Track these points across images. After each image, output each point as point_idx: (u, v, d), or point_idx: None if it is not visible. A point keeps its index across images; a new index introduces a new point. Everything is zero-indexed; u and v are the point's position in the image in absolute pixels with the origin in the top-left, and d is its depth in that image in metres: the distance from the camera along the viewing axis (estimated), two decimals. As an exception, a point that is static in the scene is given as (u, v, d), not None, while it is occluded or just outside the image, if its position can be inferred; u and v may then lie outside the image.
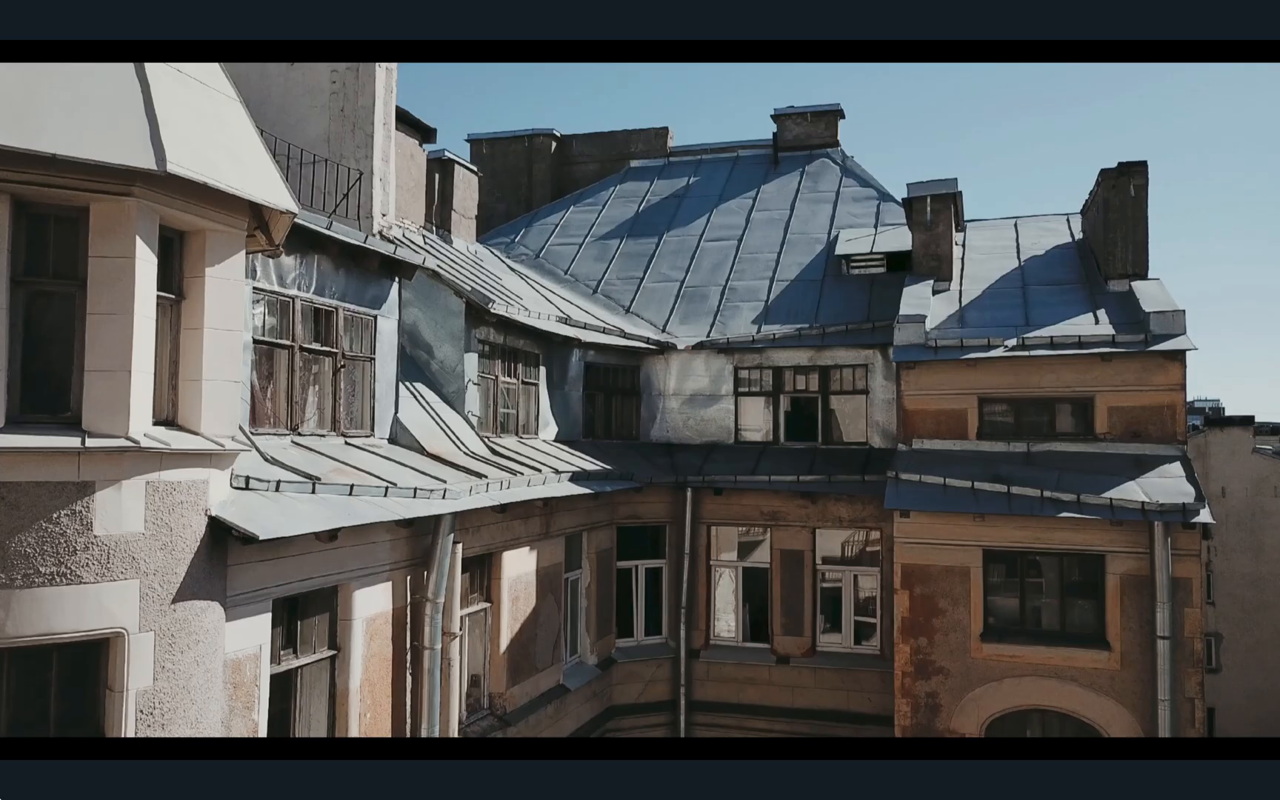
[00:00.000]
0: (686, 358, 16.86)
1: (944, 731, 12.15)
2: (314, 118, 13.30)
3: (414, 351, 13.12)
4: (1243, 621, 45.91)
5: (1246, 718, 44.80)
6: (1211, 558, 47.19)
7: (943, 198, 15.22)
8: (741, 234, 20.03)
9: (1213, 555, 47.14)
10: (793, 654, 15.24)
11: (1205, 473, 47.54)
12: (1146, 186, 13.75)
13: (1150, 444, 12.22)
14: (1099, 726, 11.64)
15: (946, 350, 13.00)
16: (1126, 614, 11.56)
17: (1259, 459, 46.38)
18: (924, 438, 13.23)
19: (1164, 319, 12.25)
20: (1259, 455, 46.55)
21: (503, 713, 11.55)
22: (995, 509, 11.78)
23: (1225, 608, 46.30)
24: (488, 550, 11.34)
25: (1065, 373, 12.62)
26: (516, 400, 14.39)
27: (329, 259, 10.06)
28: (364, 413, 10.72)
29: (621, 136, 24.36)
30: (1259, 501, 46.01)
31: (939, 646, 12.24)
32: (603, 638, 14.84)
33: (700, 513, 15.69)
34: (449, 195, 17.96)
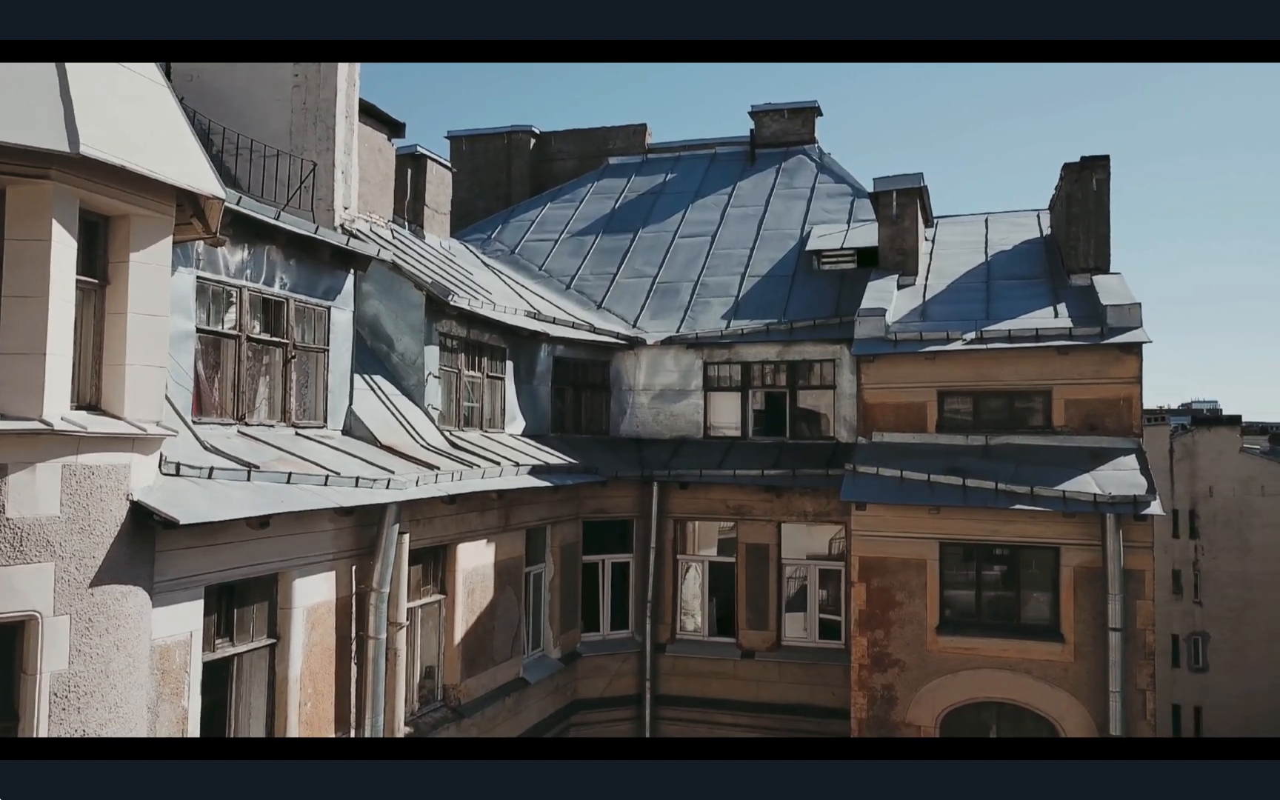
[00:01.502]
0: (656, 353, 16.87)
1: (899, 724, 12.17)
2: (277, 111, 13.34)
3: (375, 344, 13.13)
4: (1230, 621, 46.00)
5: (1234, 716, 44.87)
6: (1199, 557, 47.34)
7: (909, 192, 15.24)
8: (715, 230, 20.05)
9: (1200, 555, 47.26)
10: (758, 648, 15.26)
11: (1193, 472, 47.74)
12: (1108, 181, 13.78)
13: (1107, 437, 12.24)
14: (1053, 719, 11.66)
15: (906, 344, 13.02)
16: (1080, 606, 11.58)
17: (1246, 458, 46.55)
18: (884, 431, 13.25)
19: (1120, 312, 12.27)
20: (1246, 455, 46.73)
21: (457, 705, 11.56)
22: (950, 501, 11.80)
23: (1212, 607, 46.41)
24: (441, 542, 11.34)
25: (1023, 366, 12.65)
26: (481, 394, 14.39)
27: (279, 250, 10.06)
28: (317, 404, 10.72)
29: (600, 133, 24.38)
30: (1246, 501, 46.15)
31: (895, 639, 12.26)
32: (567, 632, 14.84)
33: (667, 507, 15.70)
34: (422, 191, 17.98)
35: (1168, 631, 46.75)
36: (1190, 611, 46.53)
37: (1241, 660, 44.82)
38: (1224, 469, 46.12)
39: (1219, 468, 46.21)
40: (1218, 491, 46.30)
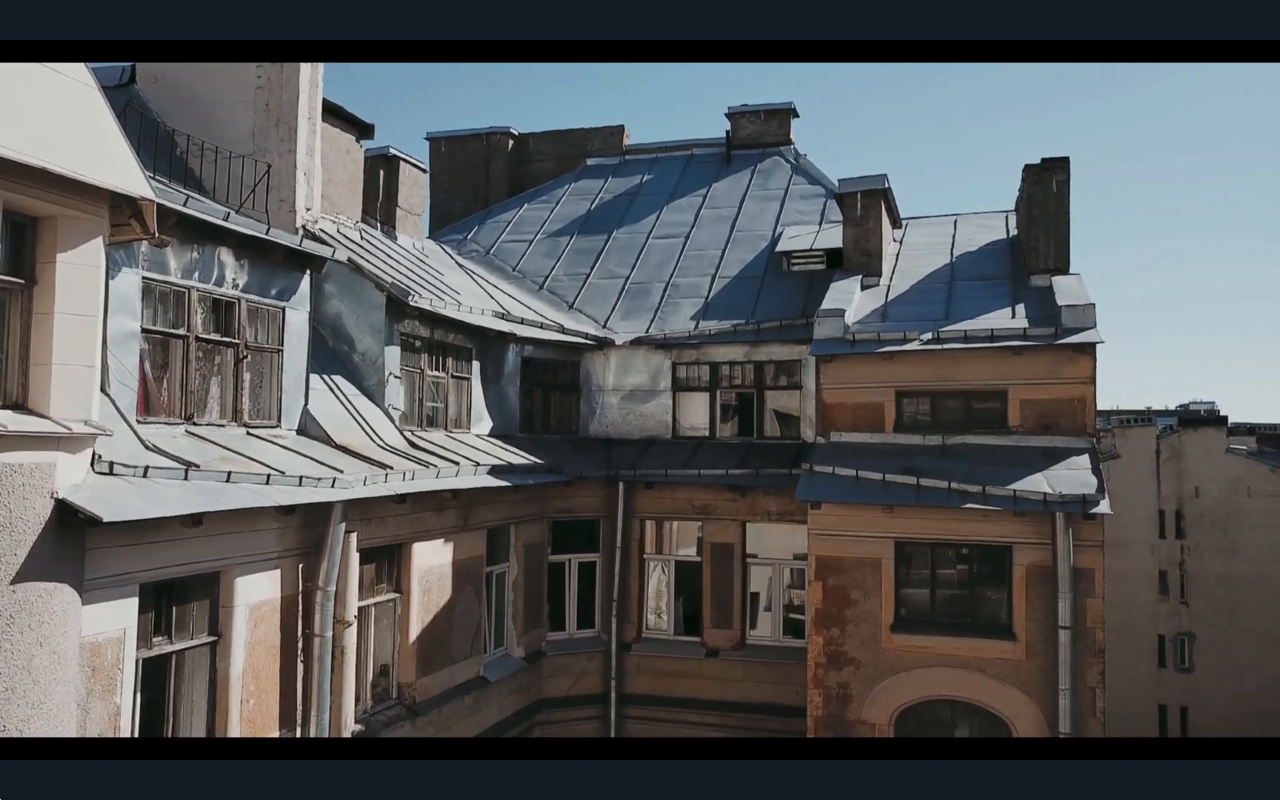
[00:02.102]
0: (626, 353, 16.94)
1: (855, 722, 12.24)
2: (240, 113, 13.41)
3: (336, 344, 13.19)
4: (1216, 621, 46.13)
5: (1220, 716, 44.99)
6: (1185, 557, 47.48)
7: (873, 193, 15.32)
8: (689, 231, 20.11)
9: (1186, 555, 47.40)
10: (722, 647, 15.32)
11: (1180, 473, 47.88)
12: (1068, 182, 13.85)
13: (1061, 437, 12.31)
14: (1005, 717, 11.73)
15: (864, 344, 13.10)
16: (1032, 605, 11.65)
17: (1233, 459, 46.66)
18: (842, 431, 13.32)
19: (1075, 313, 12.35)
20: (1233, 455, 46.84)
21: (412, 703, 11.62)
22: (904, 500, 11.87)
23: (1199, 607, 46.53)
24: (395, 541, 11.41)
25: (980, 366, 12.72)
26: (446, 394, 14.45)
27: (230, 251, 10.12)
28: (271, 404, 10.78)
29: (578, 135, 24.43)
30: (1233, 501, 46.26)
31: (851, 637, 12.33)
32: (531, 631, 14.90)
33: (633, 507, 15.77)
34: (394, 191, 18.00)
35: (1154, 631, 46.91)
36: (1177, 612, 46.64)
37: (1228, 660, 44.92)
38: (1211, 470, 46.23)
39: (1206, 468, 46.33)
40: (1204, 492, 46.42)
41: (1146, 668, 46.62)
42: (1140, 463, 47.59)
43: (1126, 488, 47.49)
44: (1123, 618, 47.20)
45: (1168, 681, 46.68)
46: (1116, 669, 47.31)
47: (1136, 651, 46.67)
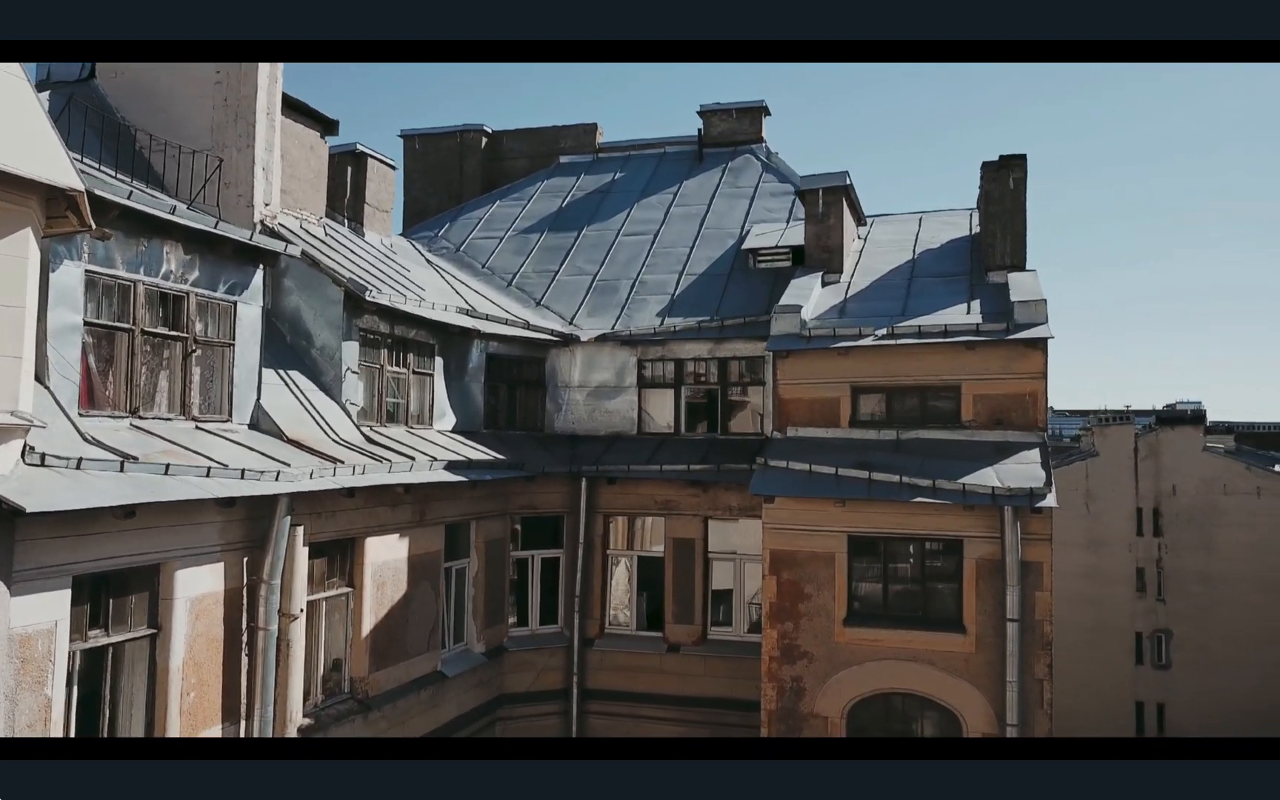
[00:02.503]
0: (592, 350, 16.97)
1: (807, 715, 12.32)
2: (199, 108, 13.40)
3: (295, 339, 13.18)
4: (1193, 618, 46.44)
5: (1196, 713, 45.33)
6: (1162, 555, 47.80)
7: (834, 190, 15.40)
8: (658, 229, 20.16)
9: (1163, 553, 47.73)
10: (684, 642, 15.38)
11: (1157, 471, 48.21)
12: (1025, 179, 13.96)
13: (1013, 431, 12.41)
14: (955, 709, 11.83)
15: (819, 339, 13.18)
16: (982, 598, 11.74)
17: (1209, 457, 47.00)
18: (799, 426, 13.39)
19: (1027, 308, 12.45)
20: (1209, 454, 47.18)
21: (364, 697, 11.64)
22: (856, 494, 11.95)
23: (1176, 604, 46.85)
24: (347, 535, 11.43)
25: (933, 362, 12.81)
26: (407, 390, 14.47)
27: (178, 244, 10.13)
28: (222, 398, 10.79)
29: (551, 132, 24.45)
30: (1210, 499, 46.59)
31: (804, 631, 12.40)
32: (493, 626, 14.93)
33: (596, 503, 15.82)
34: (362, 188, 17.97)
35: (1131, 629, 47.22)
36: (1154, 609, 46.95)
37: (1204, 657, 45.25)
38: (1188, 468, 46.54)
39: (1183, 466, 46.64)
40: (1182, 490, 46.73)
41: (1124, 665, 46.92)
42: (1119, 461, 47.91)
43: (1105, 486, 47.86)
44: (1101, 615, 47.55)
45: (1145, 678, 46.98)
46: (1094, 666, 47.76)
47: (1114, 649, 46.97)
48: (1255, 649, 44.23)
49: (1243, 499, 45.75)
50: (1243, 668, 44.48)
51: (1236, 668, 44.56)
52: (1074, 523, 48.48)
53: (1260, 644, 44.20)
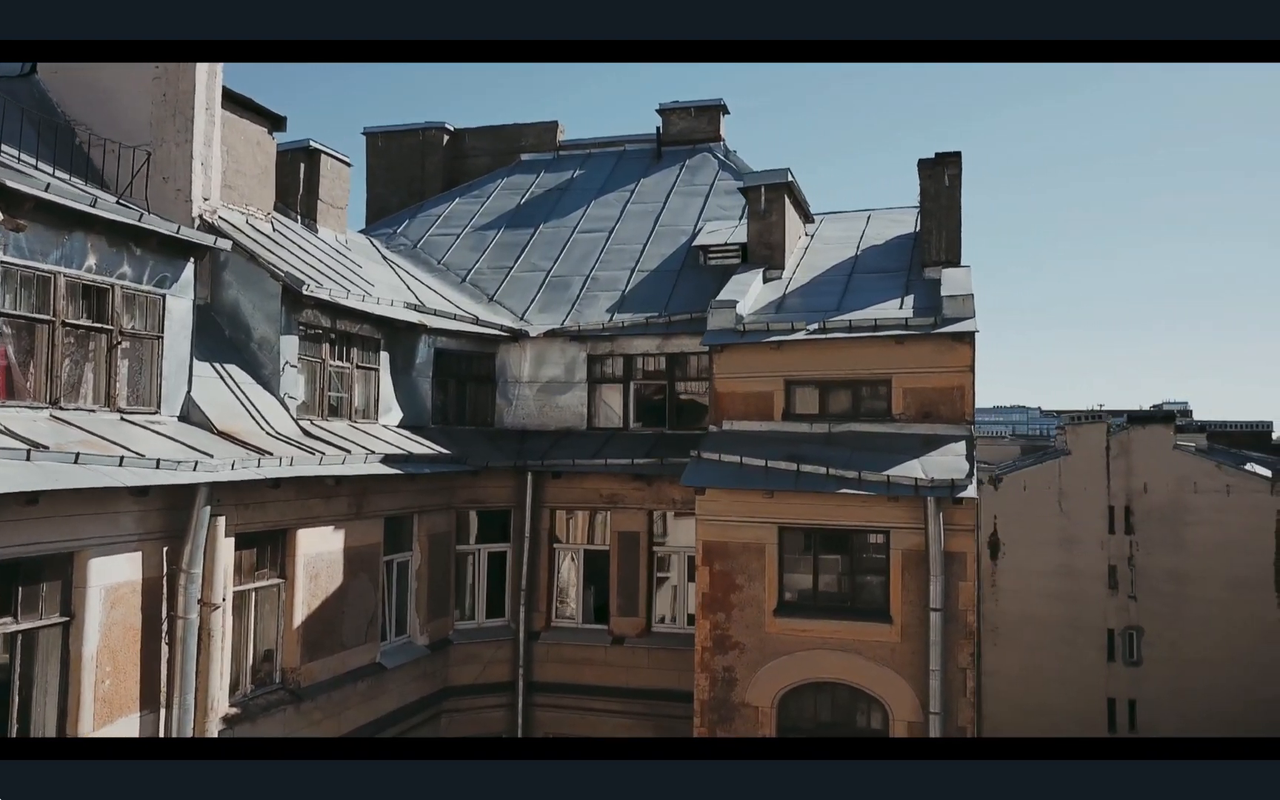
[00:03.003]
0: (542, 345, 17.09)
1: (739, 705, 12.46)
2: (138, 103, 13.47)
3: (234, 333, 13.27)
4: (1164, 616, 46.80)
5: (1168, 711, 45.71)
6: (1134, 553, 48.21)
7: (776, 187, 15.56)
8: (613, 226, 20.30)
9: (1135, 550, 48.14)
10: (628, 634, 15.51)
11: (1128, 470, 48.59)
12: (959, 176, 14.15)
13: (941, 424, 12.58)
14: (882, 698, 11.99)
15: (753, 334, 13.32)
16: (908, 588, 11.91)
17: (1180, 455, 47.35)
18: (734, 419, 13.54)
19: (955, 303, 12.63)
20: (1179, 451, 47.53)
21: (296, 688, 11.72)
22: (784, 485, 12.10)
23: (1147, 602, 47.21)
24: (277, 527, 11.50)
25: (864, 355, 12.97)
26: (351, 385, 14.55)
27: (102, 237, 10.18)
28: (150, 390, 10.85)
29: (513, 130, 24.56)
30: (1180, 497, 46.95)
31: (736, 622, 12.55)
32: (436, 619, 15.02)
33: (542, 497, 15.93)
34: (315, 184, 18.01)
35: (1103, 626, 47.60)
36: (1125, 606, 47.33)
37: (1175, 654, 45.62)
38: (1158, 466, 46.94)
39: (1153, 465, 47.00)
40: (1152, 488, 47.13)
41: (1096, 662, 47.28)
42: (1091, 459, 48.26)
43: (1077, 484, 48.21)
44: (1073, 613, 47.88)
45: (1117, 675, 47.32)
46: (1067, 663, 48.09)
47: (1086, 646, 47.32)
48: (1225, 646, 44.64)
49: (1212, 497, 46.13)
50: (1213, 664, 44.88)
51: (1207, 664, 44.95)
52: (1047, 521, 48.93)
53: (1230, 641, 44.63)
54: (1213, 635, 45.33)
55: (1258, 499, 45.90)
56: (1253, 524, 45.56)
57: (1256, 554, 45.53)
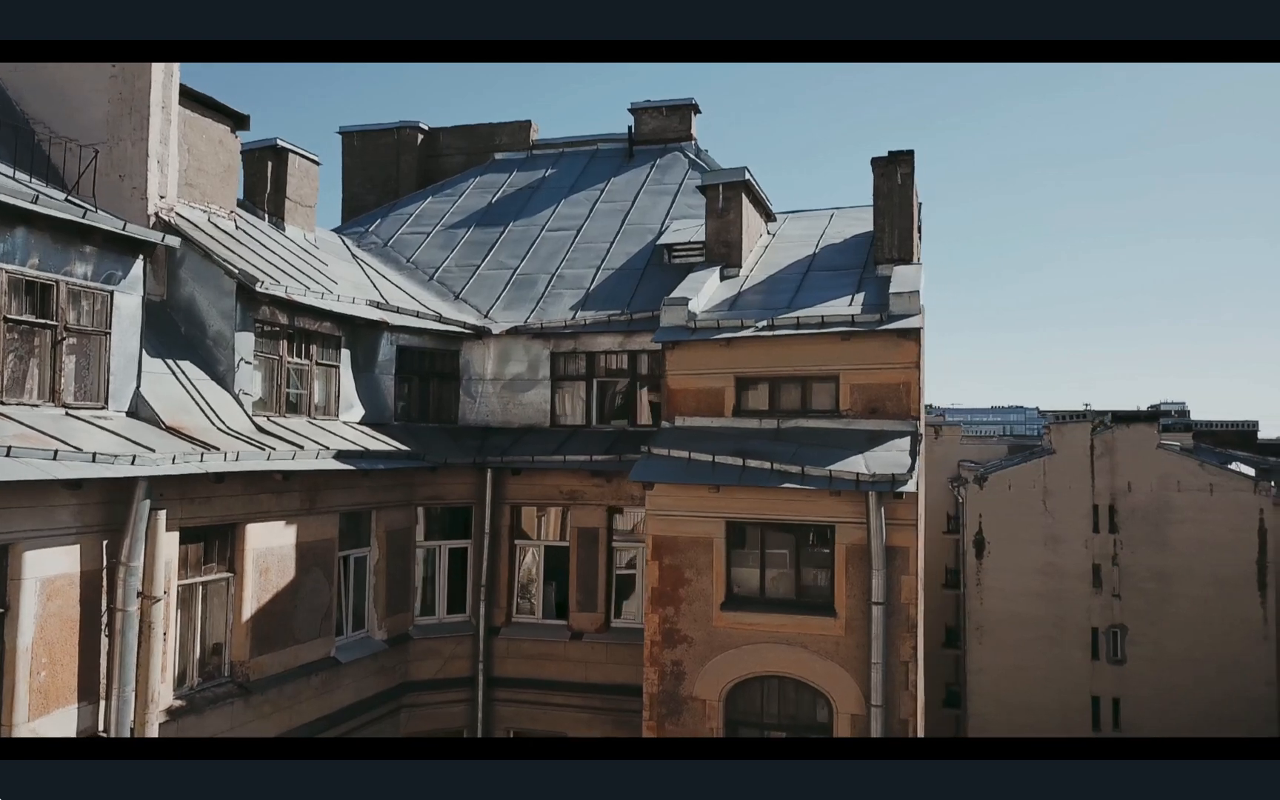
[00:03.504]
0: (506, 343, 17.19)
1: (687, 699, 12.57)
2: (95, 102, 13.55)
3: (189, 330, 13.35)
4: (1147, 614, 47.06)
5: (1151, 709, 45.95)
6: (1118, 551, 48.37)
7: (734, 186, 15.68)
8: (582, 225, 20.40)
9: (1119, 549, 48.30)
10: (587, 630, 15.61)
11: (1112, 468, 48.80)
12: (912, 175, 14.27)
13: (888, 420, 12.70)
14: (826, 691, 12.11)
15: (704, 331, 13.44)
16: (852, 582, 12.03)
17: (1163, 454, 47.58)
18: (686, 415, 13.66)
19: (901, 300, 12.75)
20: (1163, 451, 47.76)
21: (245, 681, 11.82)
22: (729, 480, 12.22)
23: (1131, 600, 47.46)
24: (225, 521, 11.61)
25: (813, 352, 13.09)
26: (310, 382, 14.64)
27: (46, 234, 10.29)
28: (98, 386, 10.96)
29: (487, 129, 24.68)
30: (1163, 496, 47.18)
31: (685, 616, 12.66)
32: (395, 614, 15.12)
33: (503, 494, 16.04)
34: (283, 183, 18.12)
35: (1088, 624, 47.79)
36: (1109, 605, 47.53)
37: (1158, 652, 45.84)
38: (1142, 465, 47.12)
39: (1137, 464, 47.22)
40: (1136, 488, 47.31)
41: (1080, 660, 47.49)
42: (1075, 459, 48.46)
43: (1061, 483, 48.40)
44: (1058, 611, 48.13)
45: (1101, 674, 47.55)
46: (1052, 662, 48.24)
47: (1070, 644, 47.54)
48: (1209, 644, 44.87)
49: (1195, 495, 46.33)
50: (1196, 663, 45.11)
51: (1190, 663, 45.18)
52: (1032, 520, 49.12)
53: (1212, 638, 44.84)
54: (1196, 634, 45.56)
55: (1241, 497, 46.16)
56: (1236, 522, 45.82)
57: (1240, 552, 45.78)
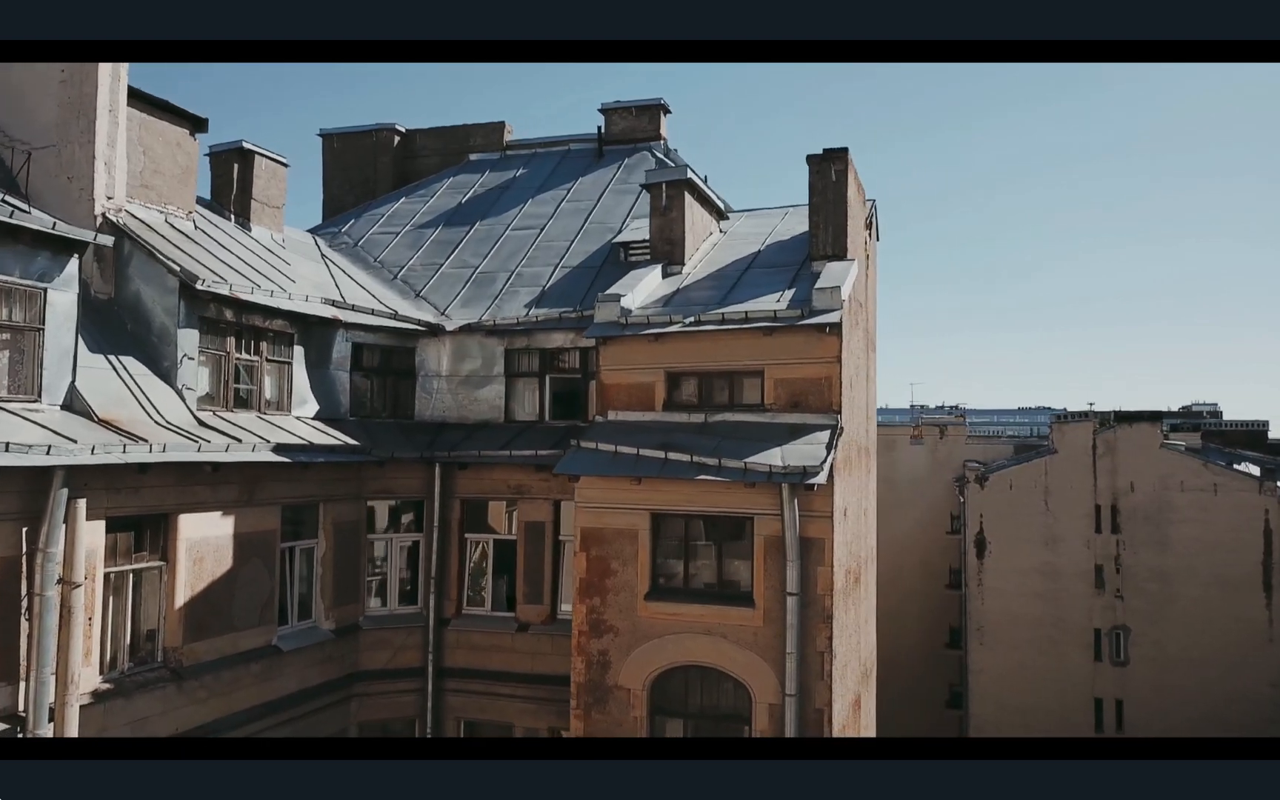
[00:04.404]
0: (461, 340, 17.49)
1: (613, 687, 12.80)
2: (46, 105, 13.99)
3: (135, 327, 13.74)
4: (1149, 614, 46.61)
5: (1153, 709, 45.51)
6: (1120, 552, 47.92)
7: (676, 184, 15.88)
8: (546, 224, 20.68)
9: (1121, 549, 47.84)
10: (533, 621, 15.86)
11: (1114, 468, 48.37)
12: (846, 172, 14.39)
13: (810, 414, 12.84)
14: (745, 681, 12.28)
15: (634, 327, 13.65)
16: (769, 573, 12.19)
17: (1166, 454, 47.11)
18: (619, 410, 13.88)
19: (824, 295, 12.89)
20: (1167, 450, 47.28)
21: (178, 666, 12.18)
22: (649, 472, 12.43)
23: (1133, 601, 47.02)
24: (156, 511, 11.98)
25: (739, 347, 13.26)
26: (261, 377, 15.01)
27: (-29, 232, 10.69)
28: (31, 380, 11.35)
29: (462, 131, 25.02)
30: (1166, 496, 46.70)
31: (611, 606, 12.88)
32: (343, 605, 15.44)
33: (452, 488, 16.34)
34: (249, 184, 18.52)
35: (1090, 625, 47.39)
36: (1112, 605, 47.11)
37: (1161, 654, 45.38)
38: (1145, 465, 46.68)
39: (1140, 464, 46.78)
40: (1138, 487, 46.88)
41: (1082, 661, 47.11)
42: (1077, 458, 48.11)
43: (1063, 483, 48.05)
44: (1059, 612, 47.78)
45: (1103, 675, 47.13)
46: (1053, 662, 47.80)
47: (1072, 645, 47.17)
48: (1211, 645, 44.37)
49: (1198, 496, 45.83)
50: (1200, 664, 44.61)
51: (1194, 664, 44.69)
52: (1033, 519, 48.79)
53: (1216, 640, 44.33)
54: (1200, 635, 45.06)
55: (1245, 498, 45.61)
56: (1240, 523, 45.27)
57: (1244, 553, 45.23)
